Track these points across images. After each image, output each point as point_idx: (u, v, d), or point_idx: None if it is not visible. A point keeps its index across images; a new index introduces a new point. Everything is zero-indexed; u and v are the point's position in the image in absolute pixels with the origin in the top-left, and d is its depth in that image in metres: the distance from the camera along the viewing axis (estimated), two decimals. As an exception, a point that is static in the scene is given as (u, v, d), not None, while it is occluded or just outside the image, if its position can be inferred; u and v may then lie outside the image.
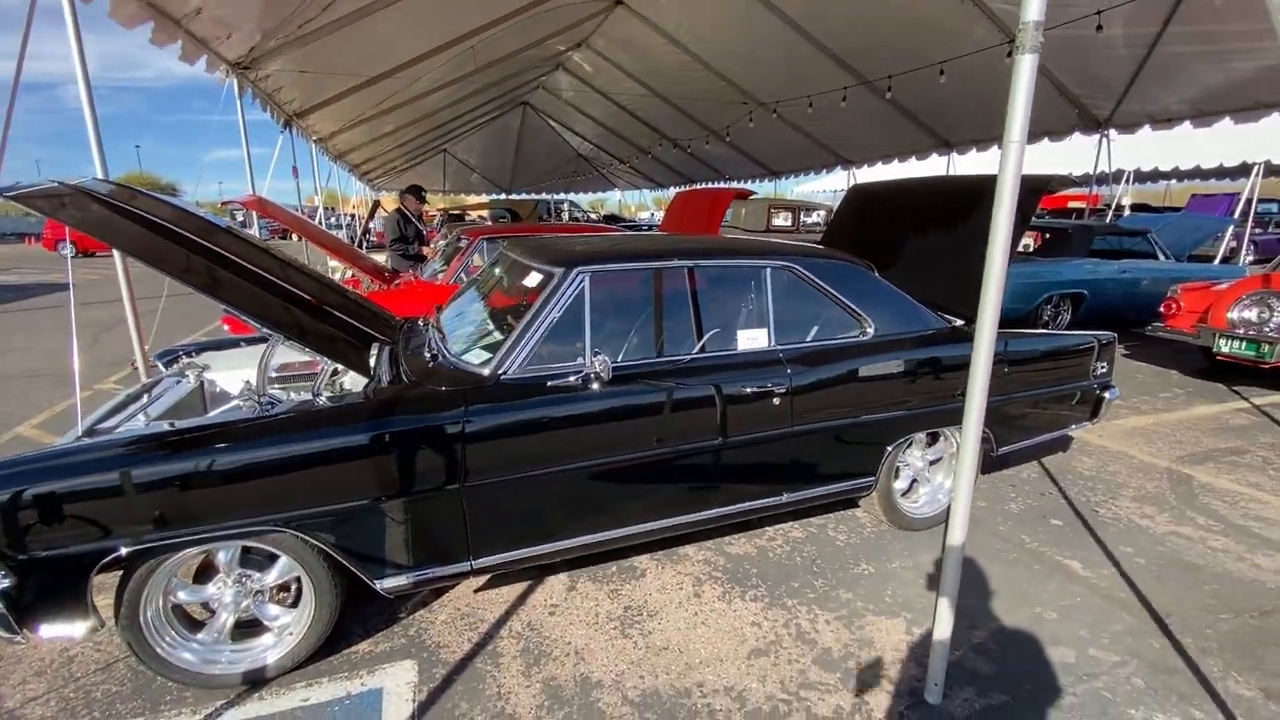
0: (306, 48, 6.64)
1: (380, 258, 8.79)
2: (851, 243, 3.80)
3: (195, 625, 2.20)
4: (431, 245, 7.41)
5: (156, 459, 1.90)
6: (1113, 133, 8.99)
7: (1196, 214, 13.88)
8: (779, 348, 2.69)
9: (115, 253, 3.84)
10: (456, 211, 17.82)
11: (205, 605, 2.21)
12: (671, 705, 2.11)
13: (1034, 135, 9.38)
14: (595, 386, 2.33)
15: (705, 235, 4.90)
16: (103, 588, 2.02)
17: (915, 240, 3.67)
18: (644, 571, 2.86)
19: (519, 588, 2.74)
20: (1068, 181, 3.14)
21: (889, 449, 2.92)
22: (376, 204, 12.67)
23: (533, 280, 2.50)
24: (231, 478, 1.97)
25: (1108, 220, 10.46)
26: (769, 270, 2.70)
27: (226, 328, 4.68)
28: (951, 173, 10.98)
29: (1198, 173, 16.36)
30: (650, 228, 18.42)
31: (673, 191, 23.78)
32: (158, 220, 2.23)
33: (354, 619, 2.51)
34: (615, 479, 2.44)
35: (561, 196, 25.45)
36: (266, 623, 2.24)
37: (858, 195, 4.32)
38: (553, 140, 21.09)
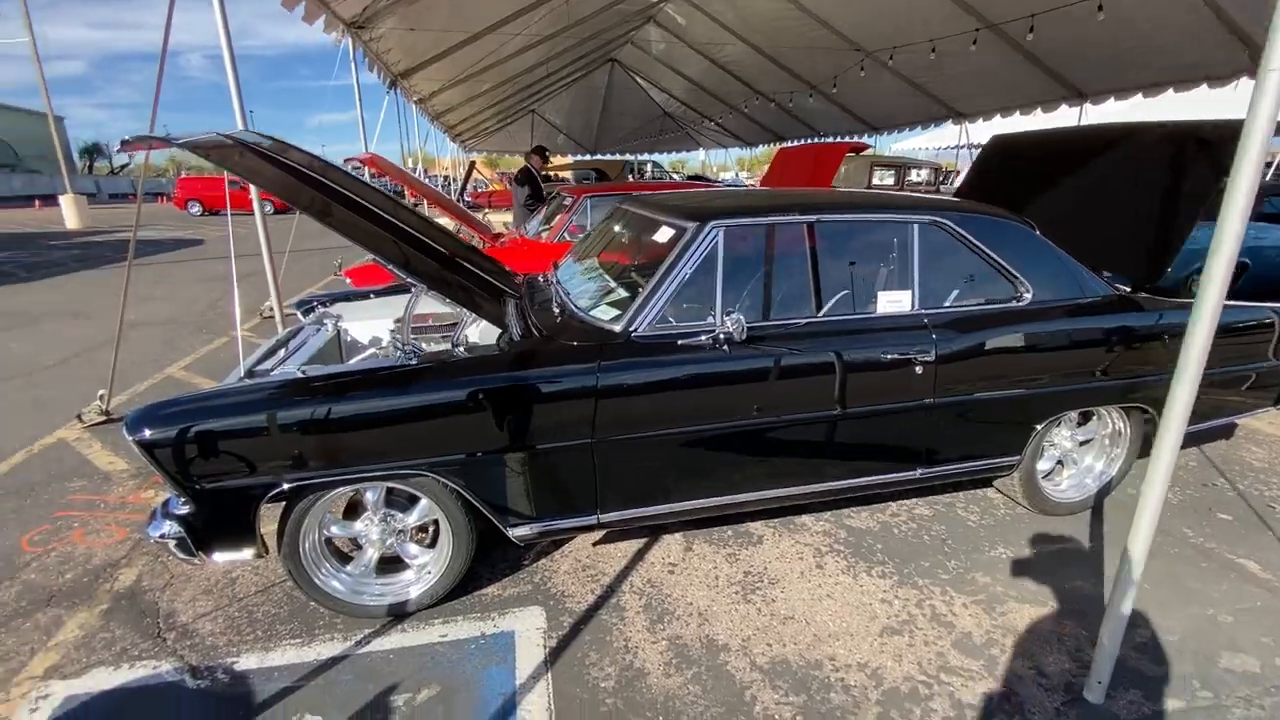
0: (414, 5, 6.72)
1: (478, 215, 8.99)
2: (992, 199, 3.46)
3: (345, 558, 2.34)
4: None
5: (316, 401, 1.99)
6: (1293, 77, 7.75)
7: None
8: (925, 312, 2.48)
9: (255, 208, 4.07)
10: (546, 172, 17.90)
11: (354, 541, 2.33)
12: (803, 676, 2.05)
13: (1189, 80, 8.27)
14: (726, 348, 2.24)
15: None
16: (264, 518, 2.15)
17: (1072, 197, 3.30)
18: (761, 538, 2.79)
19: (636, 544, 2.74)
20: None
21: (1038, 427, 2.67)
22: (472, 165, 12.92)
23: (663, 235, 2.41)
24: (381, 422, 2.03)
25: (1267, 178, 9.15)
26: (918, 226, 2.48)
27: (349, 280, 4.90)
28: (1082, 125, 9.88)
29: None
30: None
31: (761, 150, 22.81)
32: (308, 171, 2.30)
33: (481, 564, 2.59)
34: (744, 443, 2.36)
35: (645, 157, 25.09)
36: (407, 560, 2.35)
37: (1000, 147, 3.93)
38: (639, 98, 20.70)
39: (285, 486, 2.02)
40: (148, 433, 1.89)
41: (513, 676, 2.04)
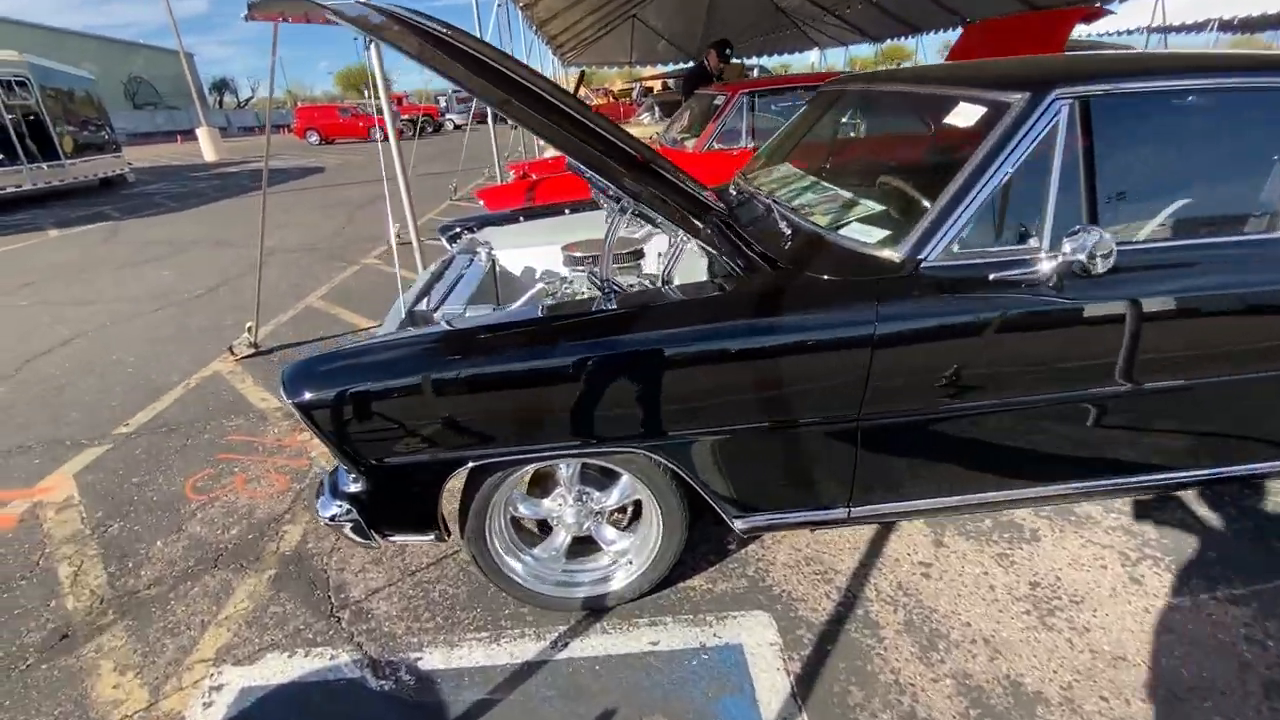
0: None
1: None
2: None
3: (530, 538, 1.95)
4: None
5: (500, 357, 1.51)
6: None
7: None
8: (1371, 229, 1.63)
9: (389, 129, 3.62)
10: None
11: (543, 522, 1.93)
12: (1173, 756, 1.45)
13: None
14: (1058, 281, 1.53)
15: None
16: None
17: None
18: (1036, 534, 2.14)
19: (865, 532, 2.18)
20: None
21: None
22: (583, 74, 12.08)
23: (960, 118, 1.67)
24: (591, 381, 1.53)
25: None
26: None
27: (482, 203, 4.46)
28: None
29: None
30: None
31: (886, 45, 20.09)
32: (472, 51, 1.75)
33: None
34: (1076, 419, 1.68)
35: (750, 61, 22.93)
36: (603, 545, 1.92)
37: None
38: (751, -9, 18.57)
39: (470, 464, 1.59)
40: (307, 394, 1.50)
41: (755, 712, 1.58)
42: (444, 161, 14.41)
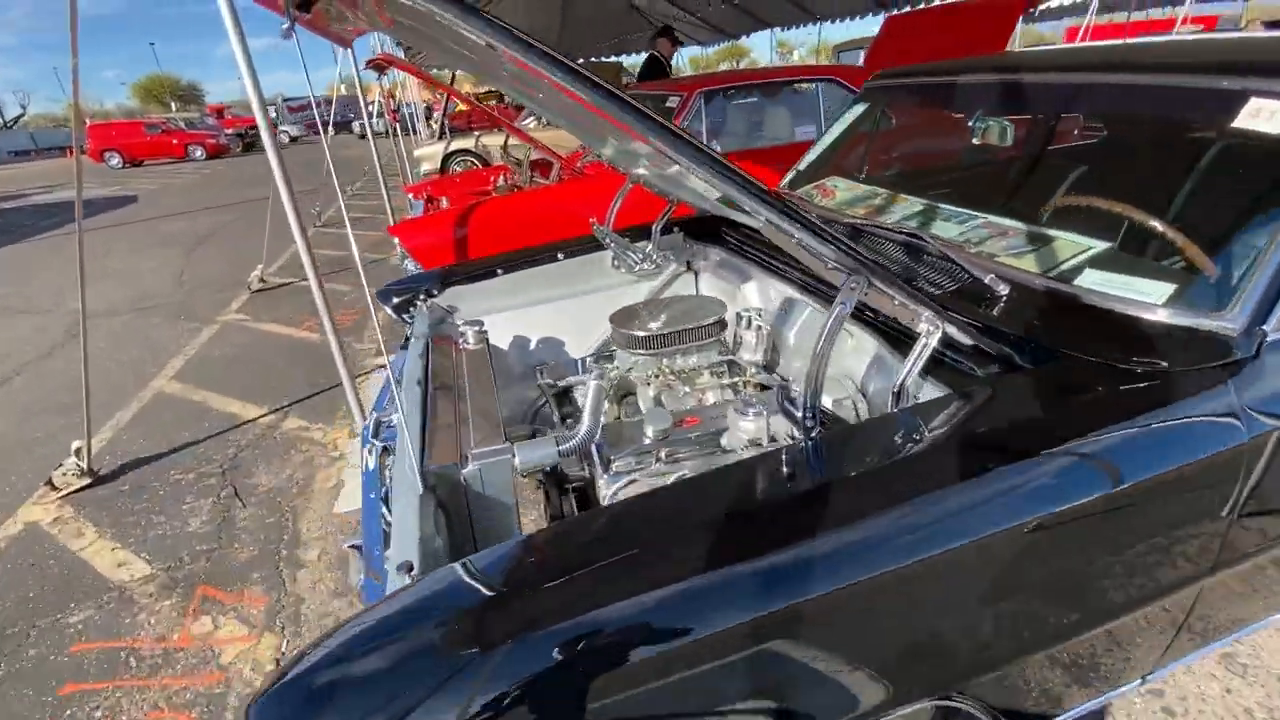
0: None
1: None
2: None
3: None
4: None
5: (684, 605, 0.78)
6: None
7: None
8: None
9: (266, 141, 2.60)
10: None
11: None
12: None
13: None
14: None
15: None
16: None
17: None
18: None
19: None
20: None
21: None
22: (453, 78, 10.88)
23: (1266, 120, 1.17)
24: (854, 612, 0.86)
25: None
26: None
27: (398, 241, 3.43)
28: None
29: None
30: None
31: (723, 45, 20.45)
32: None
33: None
34: None
35: (609, 60, 22.65)
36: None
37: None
38: (603, -13, 18.11)
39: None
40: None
41: None
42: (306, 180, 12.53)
